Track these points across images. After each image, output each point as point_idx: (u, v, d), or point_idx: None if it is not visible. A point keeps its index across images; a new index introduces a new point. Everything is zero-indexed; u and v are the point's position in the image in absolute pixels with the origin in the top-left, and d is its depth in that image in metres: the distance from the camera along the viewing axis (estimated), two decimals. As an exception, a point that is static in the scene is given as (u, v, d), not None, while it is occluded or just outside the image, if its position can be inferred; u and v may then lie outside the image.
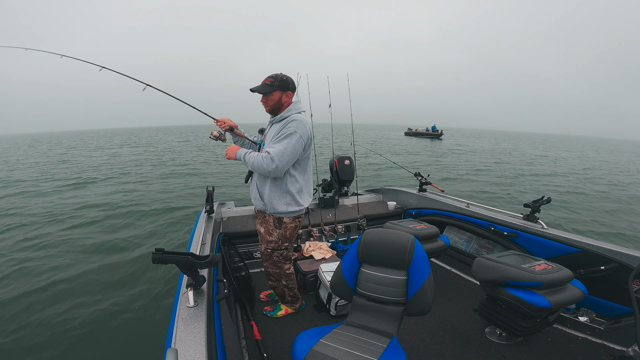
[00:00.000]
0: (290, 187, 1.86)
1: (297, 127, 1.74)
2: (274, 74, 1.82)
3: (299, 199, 1.89)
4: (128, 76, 2.24)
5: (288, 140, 1.73)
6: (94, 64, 2.26)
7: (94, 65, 2.26)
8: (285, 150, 1.71)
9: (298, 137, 1.74)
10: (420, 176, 3.58)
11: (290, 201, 1.87)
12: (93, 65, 2.26)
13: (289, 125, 1.76)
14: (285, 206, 1.87)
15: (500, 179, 11.31)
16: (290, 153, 1.73)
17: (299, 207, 1.90)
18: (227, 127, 1.98)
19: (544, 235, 2.30)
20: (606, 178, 12.86)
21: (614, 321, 2.00)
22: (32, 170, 12.85)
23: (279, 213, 1.89)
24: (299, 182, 1.88)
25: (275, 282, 2.13)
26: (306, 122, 1.81)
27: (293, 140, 1.73)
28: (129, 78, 2.23)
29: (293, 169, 1.85)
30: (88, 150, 22.64)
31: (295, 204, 1.88)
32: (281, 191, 1.86)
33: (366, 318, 1.56)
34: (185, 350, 0.99)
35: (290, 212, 1.90)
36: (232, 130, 2.01)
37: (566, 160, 19.65)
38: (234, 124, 2.01)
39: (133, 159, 16.11)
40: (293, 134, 1.73)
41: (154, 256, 1.18)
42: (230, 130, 2.00)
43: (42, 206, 6.91)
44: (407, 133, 43.29)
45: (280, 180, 1.85)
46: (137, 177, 10.58)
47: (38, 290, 3.33)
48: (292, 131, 1.73)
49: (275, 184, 1.86)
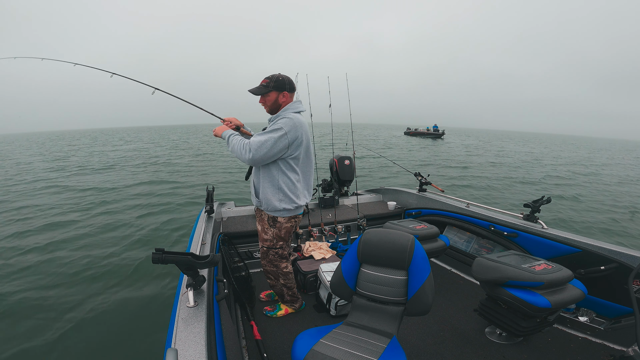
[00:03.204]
0: (283, 186, 1.87)
1: (284, 125, 1.74)
2: (270, 75, 1.85)
3: (294, 198, 1.89)
4: (138, 81, 2.35)
5: (270, 135, 1.73)
6: (106, 71, 2.41)
7: (106, 72, 2.40)
8: (264, 143, 1.71)
9: (282, 134, 1.73)
10: (420, 176, 3.58)
11: (283, 197, 1.88)
12: (105, 72, 2.41)
13: (279, 121, 1.77)
14: (277, 202, 1.88)
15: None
16: (269, 147, 1.72)
17: (293, 206, 1.90)
18: (234, 127, 2.00)
19: (544, 235, 2.30)
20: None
21: (614, 321, 2.00)
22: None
23: (273, 211, 1.91)
24: (292, 182, 1.88)
25: (273, 280, 2.14)
26: (298, 122, 1.79)
27: (275, 135, 1.73)
28: (139, 83, 2.35)
29: (285, 168, 1.85)
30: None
31: (288, 200, 1.88)
32: (274, 189, 1.87)
33: (366, 318, 1.56)
34: (185, 350, 0.99)
35: (284, 211, 1.91)
36: (238, 129, 2.04)
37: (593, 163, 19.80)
38: (240, 123, 2.04)
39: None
40: (278, 130, 1.74)
41: (154, 256, 1.19)
42: (236, 129, 2.03)
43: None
44: (407, 133, 43.19)
45: (273, 178, 1.86)
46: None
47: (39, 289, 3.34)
48: (278, 127, 1.74)
49: (268, 181, 1.87)
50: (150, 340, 2.63)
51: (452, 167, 14.16)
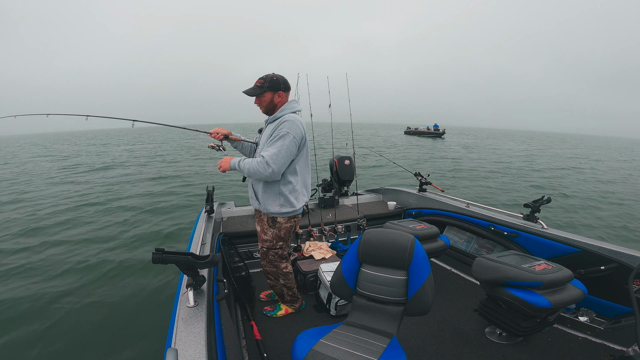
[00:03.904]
0: (283, 189, 1.85)
1: (289, 128, 1.73)
2: (264, 75, 1.83)
3: (293, 199, 1.88)
4: (115, 117, 2.33)
5: (281, 142, 1.71)
6: (79, 115, 2.30)
7: (80, 116, 2.29)
8: (279, 152, 1.70)
9: (291, 138, 1.73)
10: (420, 176, 3.58)
11: (284, 202, 1.86)
12: (78, 116, 2.30)
13: (281, 126, 1.74)
14: (278, 207, 1.87)
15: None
16: (285, 155, 1.72)
17: (293, 208, 1.89)
18: (222, 137, 1.98)
19: (544, 235, 2.30)
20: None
21: (614, 321, 2.00)
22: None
23: (272, 213, 1.90)
24: (291, 183, 1.86)
25: (273, 280, 2.14)
26: (299, 122, 1.79)
27: (286, 141, 1.72)
28: (116, 119, 2.34)
29: (285, 170, 1.83)
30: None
31: (289, 205, 1.87)
32: (274, 192, 1.86)
33: (366, 318, 1.56)
34: (185, 350, 0.99)
35: (283, 213, 1.90)
36: (227, 137, 2.01)
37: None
38: (227, 132, 2.01)
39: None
40: (286, 135, 1.72)
41: (154, 256, 1.19)
42: (225, 138, 2.00)
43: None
44: (407, 132, 43.20)
45: (273, 183, 1.84)
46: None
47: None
48: (285, 132, 1.72)
49: (267, 184, 1.86)
50: (150, 340, 2.63)
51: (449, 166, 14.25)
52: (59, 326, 2.81)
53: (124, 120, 2.25)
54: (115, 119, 2.33)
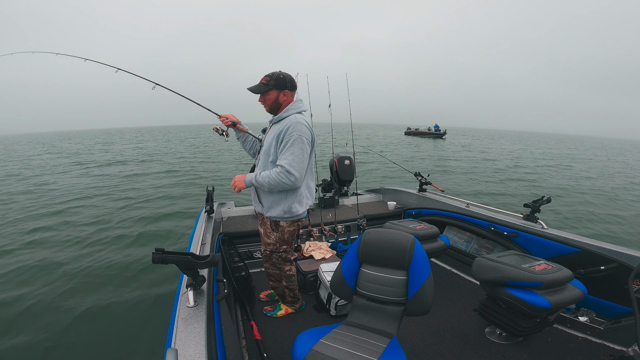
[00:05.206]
0: (287, 193, 1.82)
1: (300, 132, 1.70)
2: (271, 72, 1.78)
3: (297, 203, 1.85)
4: (140, 76, 2.29)
5: (296, 146, 1.68)
6: (111, 66, 2.36)
7: (112, 67, 2.36)
8: (297, 159, 1.68)
9: (305, 141, 1.71)
10: (420, 176, 3.58)
11: (288, 206, 1.83)
12: (111, 67, 2.37)
13: (291, 131, 1.70)
14: (281, 211, 1.84)
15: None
16: (303, 159, 1.71)
17: (297, 212, 1.86)
18: (230, 123, 1.97)
19: (544, 235, 2.30)
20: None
21: (614, 321, 2.00)
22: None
23: (276, 217, 1.88)
24: (296, 189, 1.83)
25: (275, 282, 2.12)
26: (305, 123, 1.77)
27: (301, 145, 1.70)
28: (141, 78, 2.28)
29: None
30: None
31: (293, 209, 1.84)
32: (277, 196, 1.83)
33: (366, 318, 1.56)
34: (185, 350, 0.99)
35: (287, 217, 1.87)
36: (234, 125, 2.00)
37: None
38: (236, 120, 1.99)
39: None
40: (298, 139, 1.69)
41: (154, 256, 1.19)
42: (233, 125, 1.99)
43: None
44: (408, 133, 43.19)
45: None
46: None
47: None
48: (297, 136, 1.69)
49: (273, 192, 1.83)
50: (150, 340, 2.63)
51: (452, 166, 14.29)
52: (58, 325, 2.81)
53: (146, 80, 2.16)
54: (141, 77, 2.25)
